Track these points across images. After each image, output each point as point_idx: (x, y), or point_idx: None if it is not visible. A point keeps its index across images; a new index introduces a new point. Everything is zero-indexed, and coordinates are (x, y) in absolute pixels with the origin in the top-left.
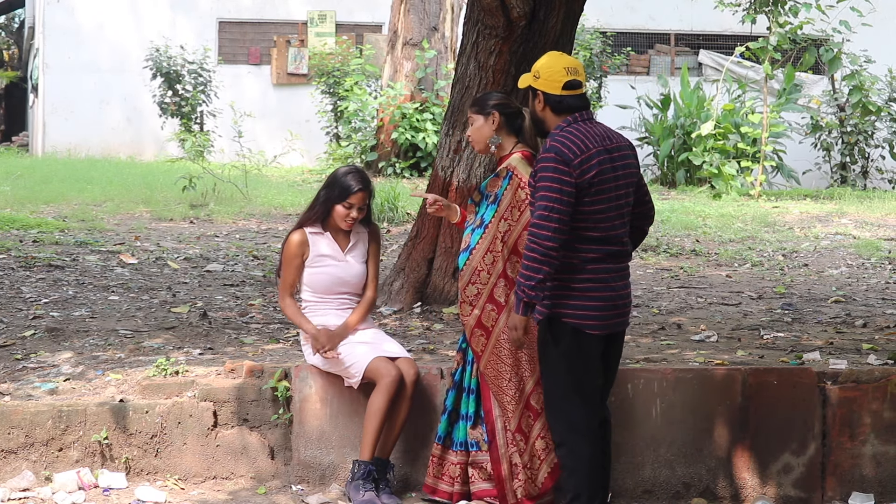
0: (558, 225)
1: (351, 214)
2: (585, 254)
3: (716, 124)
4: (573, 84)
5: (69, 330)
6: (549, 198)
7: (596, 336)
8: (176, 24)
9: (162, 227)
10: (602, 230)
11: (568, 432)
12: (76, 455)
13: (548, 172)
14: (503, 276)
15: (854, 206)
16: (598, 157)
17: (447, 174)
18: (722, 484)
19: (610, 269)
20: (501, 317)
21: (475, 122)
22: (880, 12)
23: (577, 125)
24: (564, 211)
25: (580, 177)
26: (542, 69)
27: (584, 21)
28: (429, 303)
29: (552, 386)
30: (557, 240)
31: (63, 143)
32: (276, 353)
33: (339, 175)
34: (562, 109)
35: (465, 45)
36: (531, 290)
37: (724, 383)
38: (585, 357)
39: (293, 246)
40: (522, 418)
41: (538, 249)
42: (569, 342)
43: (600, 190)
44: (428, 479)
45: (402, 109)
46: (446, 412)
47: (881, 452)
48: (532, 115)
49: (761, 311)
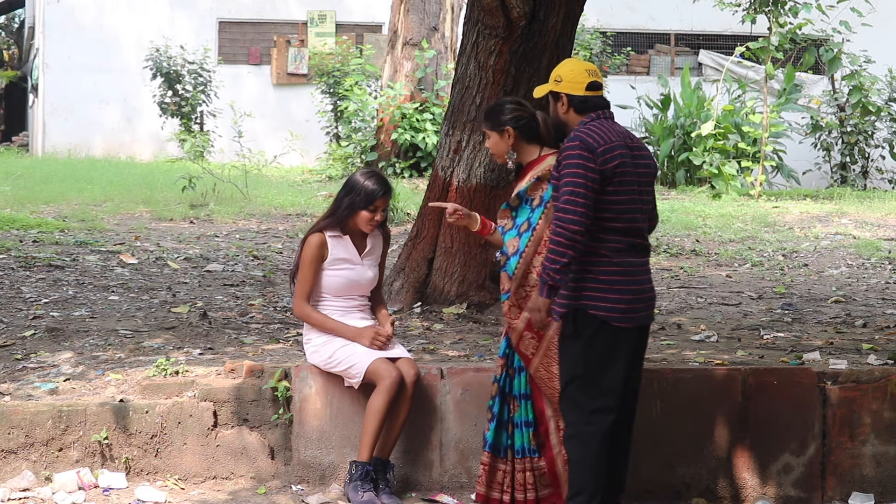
0: (584, 209)
1: (375, 217)
2: (610, 244)
3: (716, 124)
4: (596, 85)
5: (69, 330)
6: (574, 183)
7: (622, 329)
8: (176, 23)
9: (162, 227)
10: (625, 221)
11: (580, 425)
12: (76, 455)
13: (573, 160)
14: None
15: (854, 206)
16: (620, 150)
17: (447, 174)
18: (722, 484)
19: (634, 262)
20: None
21: (490, 137)
22: (880, 12)
23: (599, 121)
24: (589, 196)
25: (604, 165)
26: (564, 73)
27: (584, 21)
28: (429, 303)
29: (571, 378)
30: (583, 223)
31: (63, 143)
32: (276, 353)
33: (359, 180)
34: (585, 109)
35: (465, 45)
36: (556, 273)
37: (724, 383)
38: (609, 350)
39: (313, 248)
40: None
41: (564, 234)
42: (594, 335)
43: (622, 181)
44: (479, 486)
45: (402, 109)
46: (494, 419)
47: (881, 452)
48: (553, 120)
49: (761, 311)
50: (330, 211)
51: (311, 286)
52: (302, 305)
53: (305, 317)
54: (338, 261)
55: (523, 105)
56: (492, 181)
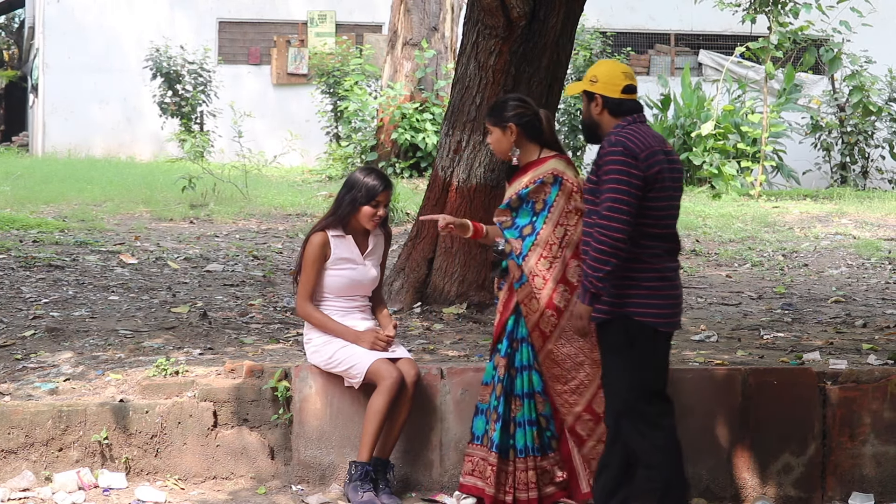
0: (627, 217)
1: (378, 213)
2: (649, 250)
3: (716, 124)
4: (632, 88)
5: (69, 330)
6: (617, 190)
7: (665, 334)
8: (176, 24)
9: (162, 227)
10: (663, 227)
11: (650, 431)
12: (76, 455)
13: (616, 166)
14: (562, 282)
15: (854, 206)
16: (659, 156)
17: (447, 174)
18: (722, 484)
19: (672, 267)
20: (561, 320)
21: (493, 133)
22: (880, 12)
23: (636, 125)
24: (632, 203)
25: (646, 171)
26: (601, 74)
27: (584, 21)
28: (429, 303)
29: (623, 387)
30: (626, 231)
31: (63, 143)
32: (276, 353)
33: (360, 177)
34: (620, 112)
35: (465, 45)
36: (599, 281)
37: (724, 383)
38: (655, 355)
39: (315, 248)
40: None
41: (607, 242)
42: (642, 341)
43: (662, 187)
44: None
45: (402, 109)
46: (500, 420)
47: (881, 452)
48: (587, 120)
49: (761, 311)
50: (331, 210)
51: (314, 286)
52: (304, 305)
53: (307, 316)
54: (340, 260)
55: (527, 102)
56: (492, 181)
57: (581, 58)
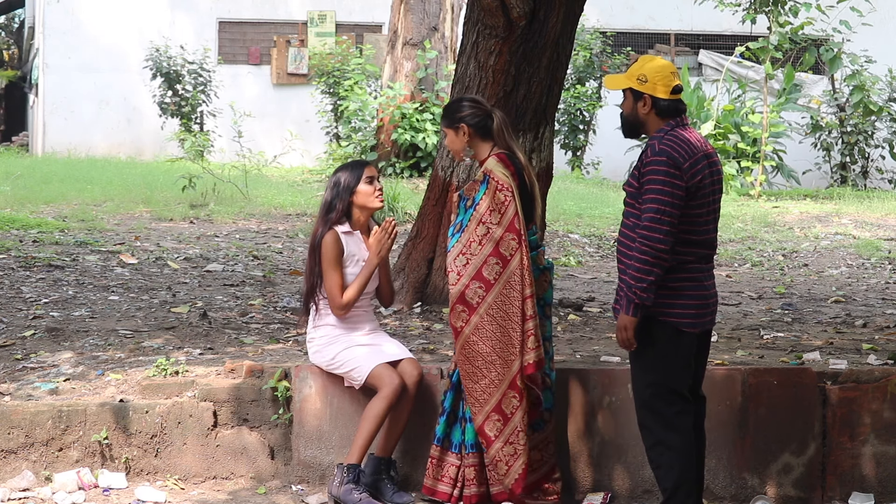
0: (669, 227)
1: (376, 188)
2: (684, 256)
3: (716, 124)
4: (679, 88)
5: (69, 330)
6: (660, 200)
7: (691, 334)
8: (176, 23)
9: (162, 227)
10: (701, 234)
11: (665, 430)
12: (76, 455)
13: (659, 176)
14: (477, 278)
15: (854, 206)
16: (702, 163)
17: (447, 174)
18: (722, 484)
19: (702, 268)
20: (472, 318)
21: (447, 134)
22: (880, 12)
23: (679, 130)
24: (675, 214)
25: (689, 180)
26: (650, 73)
27: (584, 21)
28: (429, 303)
29: (646, 386)
30: (668, 242)
31: (63, 143)
32: (276, 353)
33: (337, 173)
34: (667, 113)
35: (465, 45)
36: (643, 291)
37: (724, 383)
38: (682, 355)
39: (331, 247)
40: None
41: (650, 252)
42: (667, 341)
43: (703, 194)
44: (427, 479)
45: (402, 109)
46: (444, 413)
47: (881, 452)
48: (631, 118)
49: (761, 311)
50: (325, 208)
51: (342, 282)
52: (342, 301)
53: (349, 303)
54: (349, 257)
55: (480, 103)
56: None
57: (581, 58)
